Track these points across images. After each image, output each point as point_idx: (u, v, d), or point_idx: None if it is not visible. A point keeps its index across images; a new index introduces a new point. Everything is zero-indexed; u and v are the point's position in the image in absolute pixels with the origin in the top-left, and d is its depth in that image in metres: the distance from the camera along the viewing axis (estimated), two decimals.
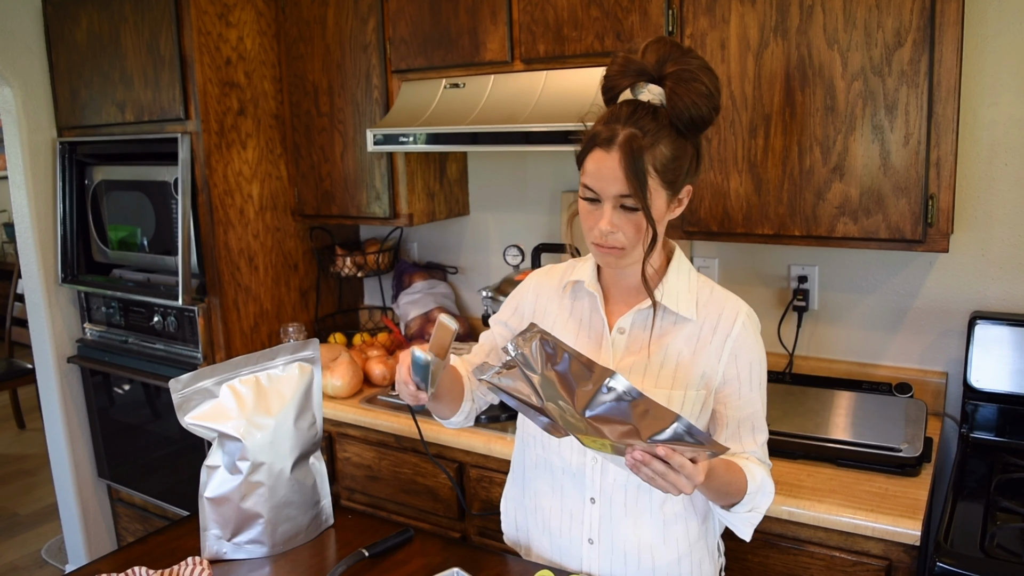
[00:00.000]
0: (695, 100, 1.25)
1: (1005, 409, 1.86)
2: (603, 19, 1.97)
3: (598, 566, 1.44)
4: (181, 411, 1.51)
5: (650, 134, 1.26)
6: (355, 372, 2.39)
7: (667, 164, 1.28)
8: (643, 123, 1.26)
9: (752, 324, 1.40)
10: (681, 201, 1.35)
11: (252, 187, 2.58)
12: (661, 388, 1.35)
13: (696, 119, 1.27)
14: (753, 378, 1.39)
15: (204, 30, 2.40)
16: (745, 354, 1.37)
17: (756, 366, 1.39)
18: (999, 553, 1.45)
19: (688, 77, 1.25)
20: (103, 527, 3.11)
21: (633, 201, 1.27)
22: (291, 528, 1.59)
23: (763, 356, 1.41)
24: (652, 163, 1.27)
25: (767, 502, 1.38)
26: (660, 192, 1.29)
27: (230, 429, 1.50)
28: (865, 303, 2.10)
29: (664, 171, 1.28)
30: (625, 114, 1.28)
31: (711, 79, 1.28)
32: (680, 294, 1.39)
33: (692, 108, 1.26)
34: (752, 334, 1.39)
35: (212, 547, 1.54)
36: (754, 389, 1.39)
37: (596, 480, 1.41)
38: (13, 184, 2.84)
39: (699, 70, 1.26)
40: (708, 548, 1.45)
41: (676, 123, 1.27)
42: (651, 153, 1.26)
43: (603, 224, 1.30)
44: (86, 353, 2.93)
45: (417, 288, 2.73)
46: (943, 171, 1.68)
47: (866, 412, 1.82)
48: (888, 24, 1.67)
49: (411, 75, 2.33)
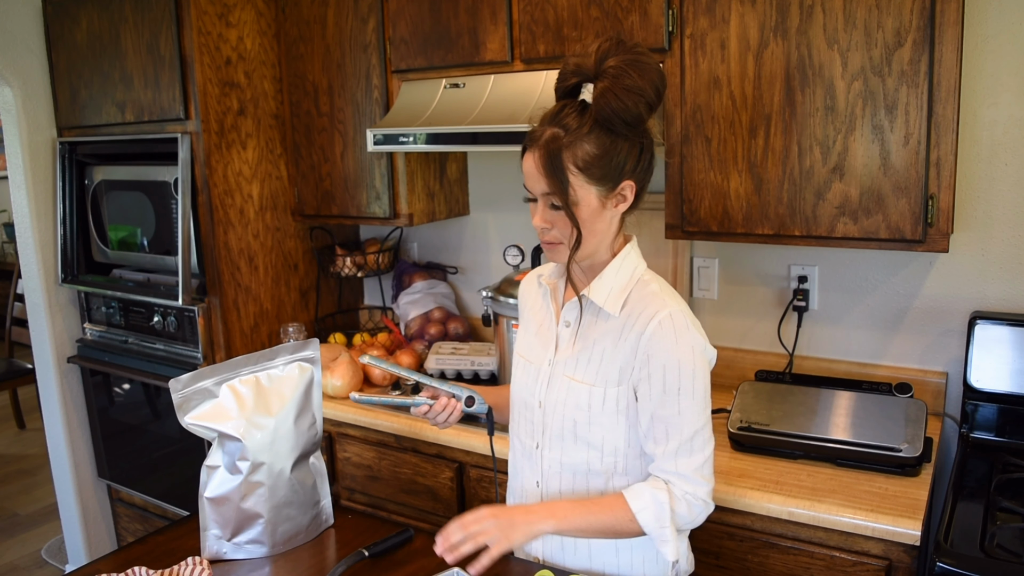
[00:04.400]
0: (620, 96, 1.26)
1: (1005, 409, 1.86)
2: (603, 19, 1.97)
3: (542, 550, 1.49)
4: (181, 411, 1.51)
5: (572, 132, 1.29)
6: (355, 372, 2.39)
7: (591, 162, 1.29)
8: (567, 122, 1.30)
9: (672, 327, 1.32)
10: (624, 197, 1.35)
11: (252, 187, 2.58)
12: (584, 384, 1.38)
13: (622, 114, 1.27)
14: (669, 383, 1.32)
15: (204, 30, 2.40)
16: (659, 356, 1.32)
17: (673, 371, 1.32)
18: (999, 553, 1.45)
19: (617, 73, 1.26)
20: (103, 527, 3.11)
21: (556, 199, 1.31)
22: (291, 528, 1.59)
23: (689, 363, 1.32)
24: (573, 161, 1.29)
25: (671, 519, 1.33)
26: (588, 189, 1.31)
27: (230, 429, 1.50)
28: (865, 303, 2.10)
29: (588, 168, 1.30)
30: (551, 114, 1.33)
31: (644, 75, 1.26)
32: (612, 290, 1.38)
33: (616, 104, 1.26)
34: (669, 337, 1.32)
35: (212, 547, 1.54)
36: (669, 393, 1.32)
37: (539, 463, 1.46)
38: (13, 184, 2.84)
39: (630, 65, 1.26)
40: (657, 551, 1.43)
41: (601, 120, 1.28)
42: (571, 151, 1.29)
43: (535, 221, 1.36)
44: (86, 353, 2.93)
45: (417, 288, 2.73)
46: (943, 171, 1.68)
47: (866, 412, 1.82)
48: (888, 24, 1.67)
49: (411, 75, 2.33)
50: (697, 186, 1.93)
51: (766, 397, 1.93)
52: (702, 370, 1.34)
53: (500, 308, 2.18)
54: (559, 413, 1.41)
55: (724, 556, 1.73)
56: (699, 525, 1.40)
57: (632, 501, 1.33)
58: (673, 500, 1.33)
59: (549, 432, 1.44)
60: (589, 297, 1.39)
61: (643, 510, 1.32)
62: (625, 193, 1.35)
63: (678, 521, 1.34)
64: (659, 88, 1.29)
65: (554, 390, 1.42)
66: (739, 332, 2.27)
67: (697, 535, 1.74)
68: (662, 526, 1.32)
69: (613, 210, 1.35)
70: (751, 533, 1.70)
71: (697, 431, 1.34)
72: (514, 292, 2.14)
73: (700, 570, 1.76)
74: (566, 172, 1.29)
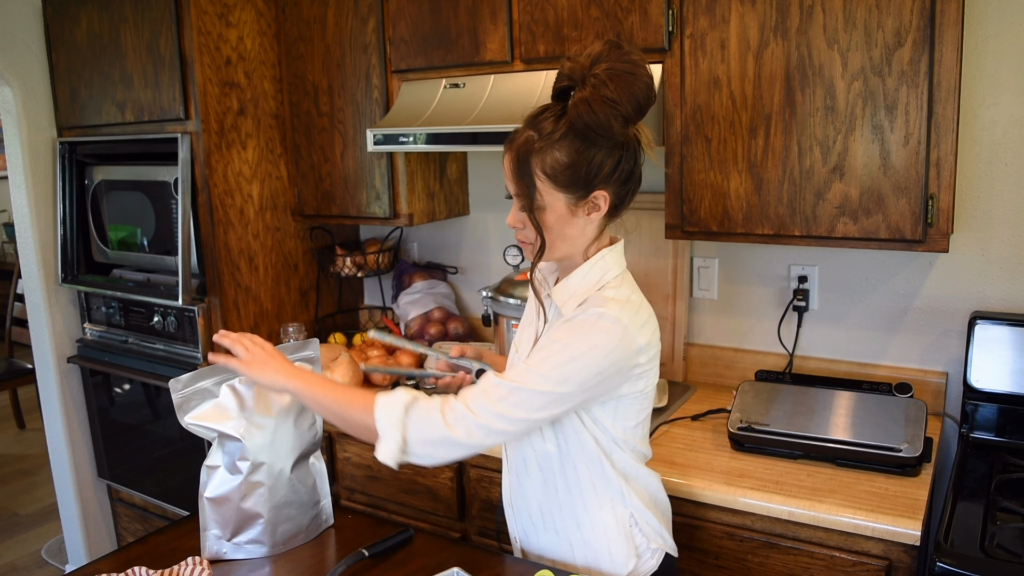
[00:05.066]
0: (593, 107, 1.24)
1: (1005, 409, 1.86)
2: (603, 19, 1.97)
3: (516, 526, 1.54)
4: (181, 411, 1.51)
5: (544, 137, 1.29)
6: (355, 372, 2.39)
7: (559, 169, 1.29)
8: (543, 126, 1.30)
9: (595, 318, 1.29)
10: (597, 206, 1.33)
11: (252, 187, 2.58)
12: None
13: (592, 126, 1.25)
14: (550, 347, 1.29)
15: (204, 30, 2.40)
16: (566, 327, 1.30)
17: (561, 341, 1.28)
18: (999, 553, 1.45)
19: (597, 83, 1.25)
20: (103, 527, 3.11)
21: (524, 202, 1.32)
22: (291, 528, 1.59)
23: (581, 347, 1.28)
24: (541, 167, 1.29)
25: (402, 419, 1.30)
26: (555, 195, 1.31)
27: (230, 429, 1.50)
28: (865, 303, 2.10)
29: (556, 175, 1.29)
30: (531, 116, 1.33)
31: (625, 87, 1.24)
32: (575, 293, 1.37)
33: (588, 116, 1.25)
34: (586, 323, 1.29)
35: (212, 547, 1.54)
36: (542, 350, 1.30)
37: (511, 451, 1.50)
38: (13, 184, 2.84)
39: (614, 76, 1.24)
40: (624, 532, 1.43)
41: (575, 128, 1.27)
42: (540, 156, 1.29)
43: (508, 219, 1.38)
44: (86, 353, 2.93)
45: (417, 288, 2.73)
46: (943, 171, 1.68)
47: (866, 412, 1.82)
48: (888, 24, 1.67)
49: (411, 75, 2.33)
50: (697, 186, 1.93)
51: (766, 397, 1.93)
52: (585, 363, 1.28)
53: (500, 308, 2.18)
54: None
55: (724, 556, 1.73)
56: (440, 460, 1.34)
57: (379, 396, 1.33)
58: (420, 404, 1.31)
59: None
60: (552, 297, 1.40)
61: (382, 406, 1.31)
62: (598, 202, 1.33)
63: (409, 429, 1.30)
64: (640, 102, 1.27)
65: None
66: (739, 332, 2.27)
67: (697, 535, 1.75)
68: (391, 423, 1.30)
69: (585, 217, 1.34)
70: (751, 533, 1.70)
71: (521, 390, 1.29)
72: (514, 292, 2.14)
73: (700, 570, 1.76)
74: (534, 177, 1.30)
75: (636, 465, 1.45)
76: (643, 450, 1.47)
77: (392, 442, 1.31)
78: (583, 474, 1.41)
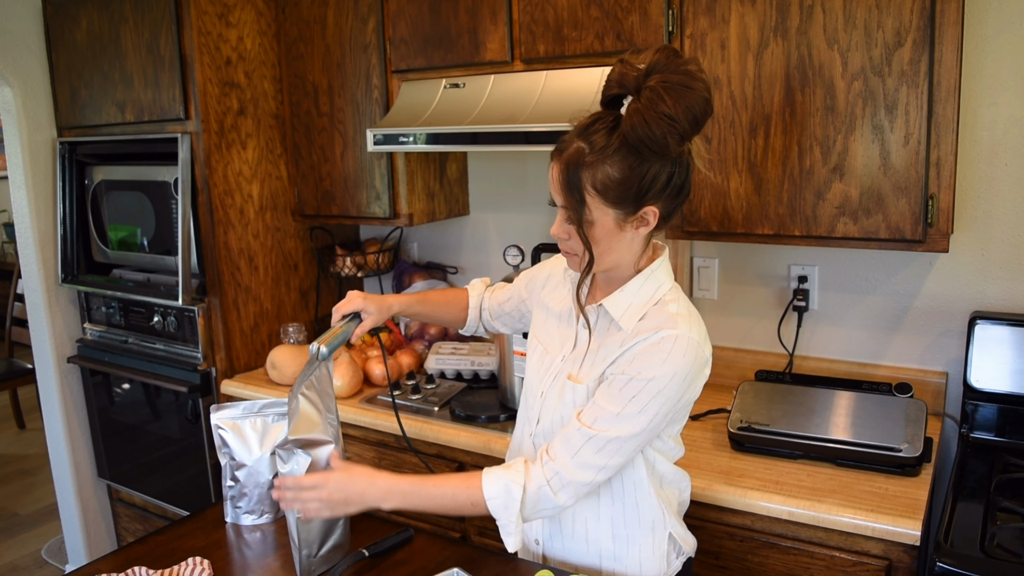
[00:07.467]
0: (650, 122, 1.17)
1: (1005, 409, 1.86)
2: (603, 19, 1.97)
3: (540, 533, 1.51)
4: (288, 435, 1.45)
5: (596, 151, 1.23)
6: (355, 372, 2.39)
7: (610, 185, 1.23)
8: (595, 138, 1.23)
9: (669, 348, 1.27)
10: (646, 221, 1.29)
11: (252, 187, 2.58)
12: (579, 383, 1.37)
13: (647, 142, 1.19)
14: (631, 388, 1.28)
15: (204, 30, 2.40)
16: (640, 363, 1.28)
17: (642, 381, 1.27)
18: (999, 553, 1.45)
19: (653, 96, 1.17)
20: (103, 527, 3.11)
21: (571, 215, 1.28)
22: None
23: (661, 384, 1.27)
24: (591, 182, 1.24)
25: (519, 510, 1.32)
26: (604, 211, 1.26)
27: (319, 434, 1.46)
28: (865, 303, 2.10)
29: (606, 191, 1.24)
30: (583, 125, 1.27)
31: (683, 101, 1.17)
32: (631, 306, 1.34)
33: (643, 130, 1.18)
34: (660, 355, 1.27)
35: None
36: (624, 394, 1.28)
37: (531, 453, 1.46)
38: (13, 184, 2.84)
39: (671, 89, 1.17)
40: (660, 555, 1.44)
41: (628, 142, 1.21)
42: (591, 171, 1.23)
43: (553, 229, 1.33)
44: (86, 353, 2.93)
45: (417, 288, 2.73)
46: (943, 171, 1.68)
47: (866, 412, 1.82)
48: (888, 24, 1.67)
49: (411, 75, 2.33)
50: (697, 186, 1.93)
51: (766, 397, 1.93)
52: (669, 394, 1.29)
53: None
54: (553, 408, 1.42)
55: (724, 556, 1.73)
56: (548, 514, 1.38)
57: (487, 487, 1.32)
58: (530, 485, 1.31)
59: (542, 424, 1.44)
60: (606, 307, 1.36)
61: (494, 498, 1.32)
62: (648, 218, 1.28)
63: (527, 514, 1.33)
64: (698, 117, 1.20)
65: (556, 385, 1.42)
66: (739, 332, 2.27)
67: (697, 535, 1.74)
68: (510, 519, 1.32)
69: (633, 232, 1.30)
70: (751, 533, 1.70)
71: (617, 439, 1.29)
72: None
73: (700, 570, 1.76)
74: (583, 192, 1.24)
75: (671, 466, 1.47)
76: (679, 450, 1.48)
77: (516, 533, 1.33)
78: (628, 489, 1.41)
